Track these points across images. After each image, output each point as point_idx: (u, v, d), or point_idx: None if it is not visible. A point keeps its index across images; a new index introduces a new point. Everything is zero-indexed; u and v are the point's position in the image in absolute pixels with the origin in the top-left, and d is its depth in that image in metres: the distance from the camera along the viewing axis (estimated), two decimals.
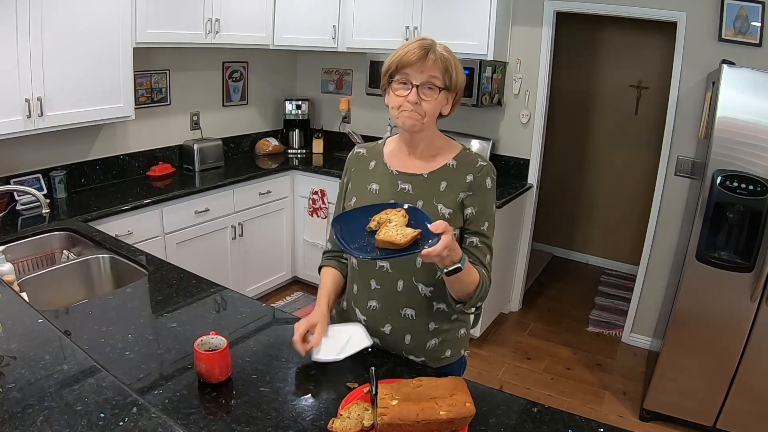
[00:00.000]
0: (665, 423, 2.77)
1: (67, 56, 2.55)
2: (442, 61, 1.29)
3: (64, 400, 1.00)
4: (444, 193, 1.37)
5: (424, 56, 1.27)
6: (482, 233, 1.39)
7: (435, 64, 1.28)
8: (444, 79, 1.30)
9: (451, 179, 1.38)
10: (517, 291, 3.94)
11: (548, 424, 1.21)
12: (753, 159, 2.31)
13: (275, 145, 4.17)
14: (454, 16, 3.30)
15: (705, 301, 2.51)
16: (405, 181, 1.39)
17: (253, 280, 3.65)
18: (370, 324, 1.45)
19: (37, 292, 1.91)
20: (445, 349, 1.48)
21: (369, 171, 1.46)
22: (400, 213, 1.20)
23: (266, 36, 3.71)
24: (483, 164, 1.39)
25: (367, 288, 1.44)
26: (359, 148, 1.53)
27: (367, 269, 1.42)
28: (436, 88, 1.30)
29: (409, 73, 1.29)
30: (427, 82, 1.29)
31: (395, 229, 1.14)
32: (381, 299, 1.43)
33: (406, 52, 1.28)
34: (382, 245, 1.12)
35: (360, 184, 1.46)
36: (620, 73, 4.50)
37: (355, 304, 1.49)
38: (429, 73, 1.28)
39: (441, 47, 1.31)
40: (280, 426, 1.15)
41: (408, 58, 1.28)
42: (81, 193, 2.98)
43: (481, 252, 1.39)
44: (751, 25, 2.78)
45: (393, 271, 1.39)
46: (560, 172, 4.88)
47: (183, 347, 1.44)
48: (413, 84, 1.29)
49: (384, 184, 1.41)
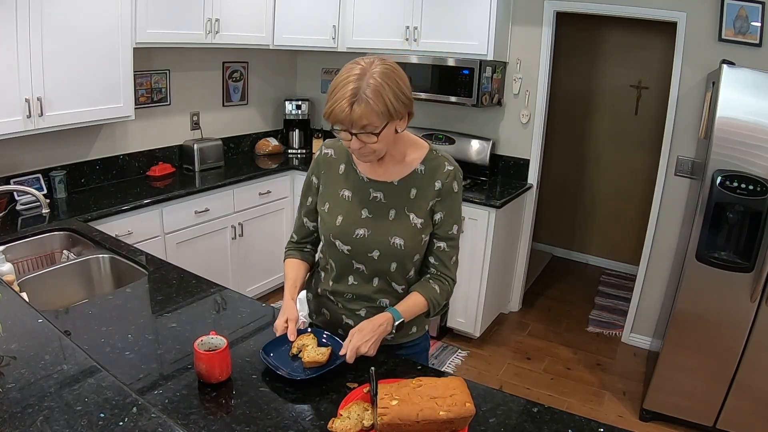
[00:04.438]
0: (665, 423, 2.78)
1: (67, 56, 2.55)
2: (371, 103, 1.21)
3: (64, 400, 1.00)
4: (414, 202, 1.42)
5: (350, 110, 1.21)
6: (450, 237, 1.46)
7: (364, 112, 1.21)
8: (380, 120, 1.24)
9: (421, 186, 1.42)
10: (517, 291, 3.94)
11: (548, 424, 1.21)
12: (753, 159, 2.31)
13: (275, 145, 4.17)
14: (454, 16, 3.30)
15: (705, 301, 2.51)
16: (377, 189, 1.43)
17: (253, 280, 3.65)
18: (344, 309, 1.52)
19: (37, 292, 1.90)
20: (411, 326, 1.54)
21: (339, 175, 1.48)
22: (310, 336, 1.41)
23: (266, 36, 3.71)
24: (450, 169, 1.43)
25: (344, 283, 1.50)
26: (326, 149, 1.53)
27: (344, 270, 1.48)
28: (375, 132, 1.26)
29: (343, 123, 1.25)
30: (362, 130, 1.25)
31: (313, 351, 1.34)
32: (357, 291, 1.49)
33: (334, 106, 1.23)
34: (309, 366, 1.31)
35: (332, 190, 1.48)
36: (620, 73, 4.50)
37: (330, 294, 1.54)
38: (360, 123, 1.23)
39: (372, 79, 1.22)
40: (280, 426, 1.15)
41: (336, 114, 1.23)
42: (81, 193, 2.98)
43: (448, 255, 1.47)
44: (751, 25, 2.78)
45: (368, 272, 1.46)
46: (560, 172, 4.88)
47: (183, 347, 1.44)
48: (351, 132, 1.26)
49: (355, 191, 1.45)
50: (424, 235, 1.43)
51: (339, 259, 1.48)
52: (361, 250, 1.43)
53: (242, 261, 3.51)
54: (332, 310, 1.55)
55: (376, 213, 1.43)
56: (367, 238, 1.42)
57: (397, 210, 1.42)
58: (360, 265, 1.45)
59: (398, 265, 1.43)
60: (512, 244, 3.71)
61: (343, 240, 1.44)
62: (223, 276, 3.33)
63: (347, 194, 1.46)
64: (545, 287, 4.41)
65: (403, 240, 1.40)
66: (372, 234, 1.42)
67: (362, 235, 1.42)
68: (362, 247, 1.43)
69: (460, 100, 3.38)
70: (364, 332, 1.34)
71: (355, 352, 1.30)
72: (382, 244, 1.41)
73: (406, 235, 1.41)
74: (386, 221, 1.42)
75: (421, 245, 1.44)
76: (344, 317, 1.53)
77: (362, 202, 1.44)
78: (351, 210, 1.44)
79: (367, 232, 1.42)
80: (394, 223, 1.41)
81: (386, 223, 1.42)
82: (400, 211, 1.42)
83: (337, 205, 1.46)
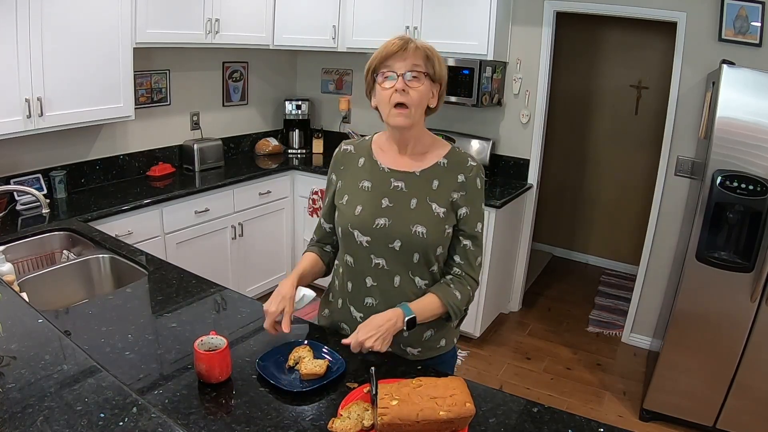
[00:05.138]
0: (665, 423, 2.78)
1: (67, 56, 2.55)
2: (422, 49, 1.33)
3: (64, 400, 1.00)
4: (436, 192, 1.39)
5: (405, 45, 1.31)
6: (475, 235, 1.43)
7: (416, 52, 1.32)
8: (426, 67, 1.33)
9: (443, 178, 1.40)
10: (517, 291, 3.94)
11: (548, 424, 1.21)
12: (753, 159, 2.31)
13: (275, 145, 4.17)
14: (454, 16, 3.30)
15: (705, 301, 2.51)
16: (398, 179, 1.41)
17: (253, 280, 3.65)
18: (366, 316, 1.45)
19: (37, 292, 1.90)
20: (440, 339, 1.50)
21: (359, 168, 1.46)
22: (306, 348, 1.38)
23: (266, 36, 3.71)
24: (473, 164, 1.43)
25: (362, 286, 1.44)
26: (346, 145, 1.52)
27: (362, 267, 1.43)
28: (421, 75, 1.32)
29: (392, 63, 1.32)
30: (411, 70, 1.31)
31: (311, 363, 1.32)
32: (378, 296, 1.43)
33: (386, 45, 1.33)
34: (307, 378, 1.30)
35: (351, 182, 1.46)
36: (620, 73, 4.50)
37: (350, 302, 1.49)
38: (411, 61, 1.31)
39: (420, 41, 1.35)
40: (280, 426, 1.15)
41: (390, 48, 1.32)
42: (81, 193, 2.98)
43: (473, 255, 1.44)
44: (751, 25, 2.78)
45: (389, 267, 1.40)
46: (560, 172, 4.88)
47: (183, 347, 1.44)
48: (398, 74, 1.31)
49: (376, 181, 1.42)
50: (447, 227, 1.38)
51: (357, 253, 1.42)
52: (382, 241, 1.38)
53: (242, 261, 3.51)
54: (352, 324, 1.47)
55: (397, 202, 1.39)
56: (388, 228, 1.37)
57: (418, 199, 1.38)
58: (380, 259, 1.40)
59: (421, 256, 1.38)
60: (512, 244, 3.71)
61: (362, 230, 1.39)
62: (223, 276, 3.33)
63: (367, 185, 1.42)
64: (545, 287, 4.41)
65: (426, 228, 1.36)
66: (392, 223, 1.37)
67: (382, 224, 1.38)
68: (382, 237, 1.38)
69: (460, 100, 3.38)
70: (371, 326, 1.30)
71: (360, 345, 1.28)
72: (403, 234, 1.37)
73: (428, 223, 1.36)
74: (407, 210, 1.38)
75: (444, 236, 1.39)
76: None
77: (383, 191, 1.40)
78: (371, 199, 1.40)
79: (388, 221, 1.37)
80: (416, 212, 1.37)
81: (407, 211, 1.38)
82: (421, 200, 1.38)
83: (356, 196, 1.42)
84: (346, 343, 1.31)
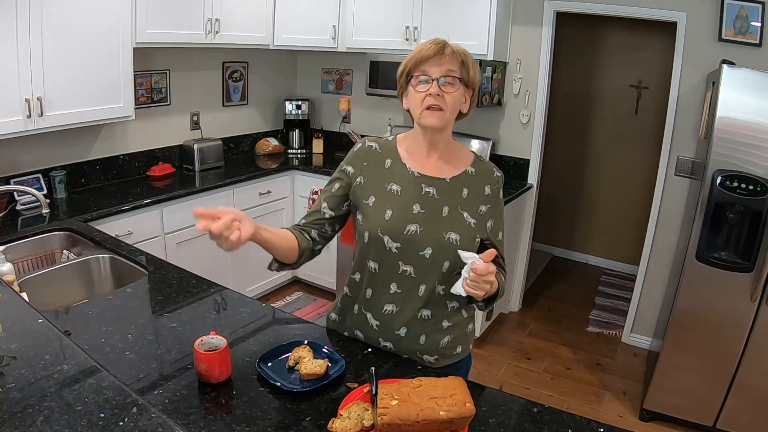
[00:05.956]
0: (665, 423, 2.78)
1: (67, 56, 2.55)
2: (458, 54, 1.32)
3: (64, 400, 1.00)
4: (467, 201, 1.39)
5: (441, 50, 1.30)
6: (500, 244, 1.45)
7: (452, 57, 1.30)
8: (461, 72, 1.32)
9: (472, 187, 1.41)
10: (517, 291, 3.94)
11: (548, 424, 1.21)
12: (753, 159, 2.31)
13: (275, 145, 4.17)
14: (454, 16, 3.30)
15: (705, 301, 2.51)
16: (429, 185, 1.38)
17: (253, 280, 3.65)
18: (382, 328, 1.43)
19: (37, 292, 1.91)
20: (456, 345, 1.48)
21: (385, 169, 1.41)
22: (306, 348, 1.39)
23: (266, 36, 3.70)
24: (498, 175, 1.47)
25: (385, 292, 1.40)
26: (370, 142, 1.46)
27: (388, 273, 1.38)
28: (456, 80, 1.31)
29: (427, 68, 1.31)
30: (446, 75, 1.30)
31: (311, 363, 1.33)
32: (400, 302, 1.40)
33: (422, 48, 1.32)
34: (307, 378, 1.30)
35: (377, 183, 1.40)
36: (620, 73, 4.50)
37: (366, 309, 1.45)
38: (447, 66, 1.30)
39: (456, 45, 1.34)
40: (280, 426, 1.15)
41: (425, 53, 1.30)
42: (81, 193, 2.98)
43: (501, 259, 1.46)
44: (751, 25, 2.78)
45: (416, 275, 1.37)
46: (560, 172, 4.88)
47: (183, 347, 1.44)
48: (432, 78, 1.30)
49: (405, 185, 1.39)
50: (478, 236, 1.37)
51: (384, 259, 1.37)
52: (412, 248, 1.35)
53: (242, 261, 3.51)
54: (366, 331, 1.46)
55: (429, 208, 1.36)
56: (419, 235, 1.34)
57: (450, 207, 1.37)
58: (408, 266, 1.36)
59: (451, 264, 1.34)
60: (512, 244, 3.71)
61: (392, 236, 1.35)
62: (223, 276, 3.32)
63: (396, 188, 1.38)
64: (545, 287, 4.41)
65: (459, 236, 1.34)
66: (424, 230, 1.34)
67: (414, 231, 1.34)
68: (413, 244, 1.34)
69: None
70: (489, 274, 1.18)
71: (486, 272, 1.17)
72: (435, 241, 1.34)
73: (462, 231, 1.35)
74: (439, 217, 1.36)
75: (474, 245, 1.36)
76: (381, 340, 1.44)
77: (413, 196, 1.37)
78: (401, 204, 1.36)
79: (419, 228, 1.34)
80: (449, 219, 1.36)
81: (440, 219, 1.35)
82: (453, 209, 1.37)
83: (385, 200, 1.37)
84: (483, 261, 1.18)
